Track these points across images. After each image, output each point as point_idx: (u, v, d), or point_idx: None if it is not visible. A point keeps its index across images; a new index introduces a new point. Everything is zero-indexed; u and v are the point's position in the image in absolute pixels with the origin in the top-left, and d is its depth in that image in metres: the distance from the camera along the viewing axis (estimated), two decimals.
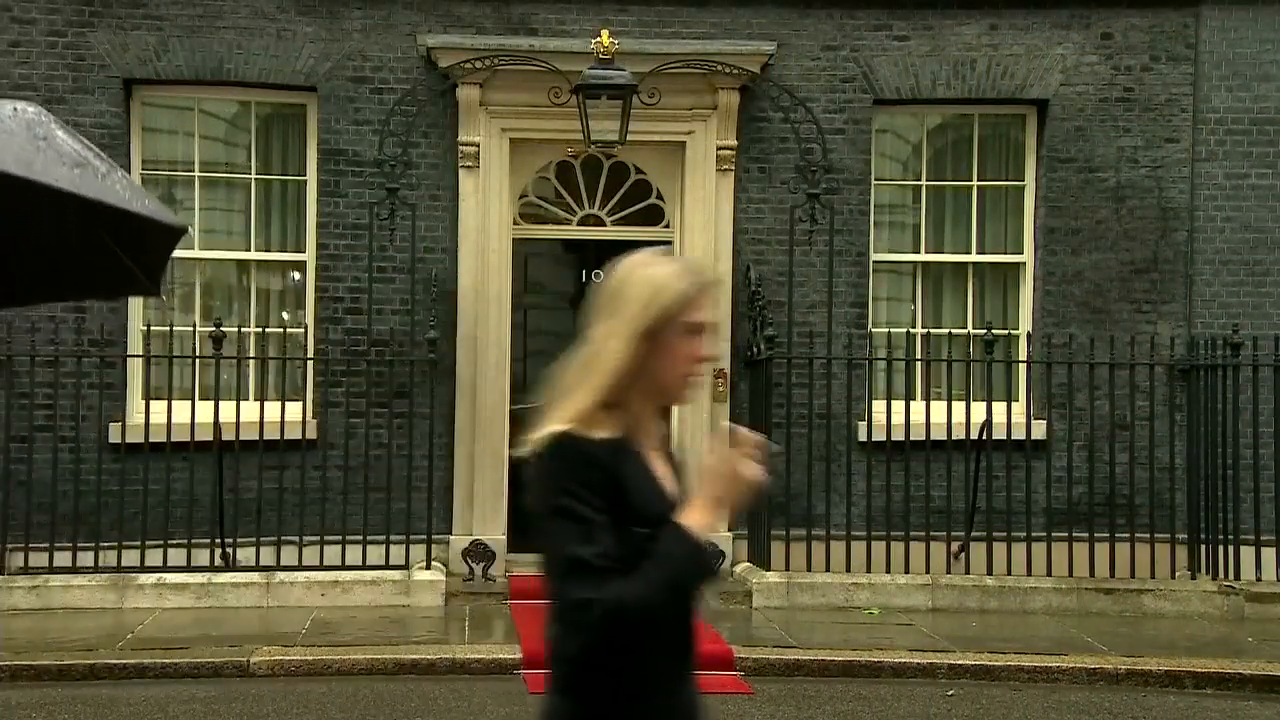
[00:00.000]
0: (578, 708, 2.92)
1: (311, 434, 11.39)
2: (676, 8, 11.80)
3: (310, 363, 11.48)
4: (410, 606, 10.65)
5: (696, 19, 11.80)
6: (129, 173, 9.52)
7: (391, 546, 11.00)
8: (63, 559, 10.75)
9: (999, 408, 11.23)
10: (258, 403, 11.31)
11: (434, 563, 11.16)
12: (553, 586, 2.88)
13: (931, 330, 11.91)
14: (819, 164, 11.54)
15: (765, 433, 11.31)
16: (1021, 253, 12.25)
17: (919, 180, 12.38)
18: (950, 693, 8.79)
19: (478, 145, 11.59)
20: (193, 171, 11.75)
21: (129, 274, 4.11)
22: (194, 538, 10.82)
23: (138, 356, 11.27)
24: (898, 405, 11.23)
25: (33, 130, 3.52)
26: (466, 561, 11.18)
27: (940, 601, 10.92)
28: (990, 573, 11.16)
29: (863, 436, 11.68)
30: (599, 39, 11.04)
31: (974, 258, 12.33)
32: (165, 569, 10.75)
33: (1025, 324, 12.11)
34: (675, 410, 11.89)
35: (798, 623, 10.37)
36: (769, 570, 11.13)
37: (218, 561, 10.88)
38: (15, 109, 3.60)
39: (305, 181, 11.82)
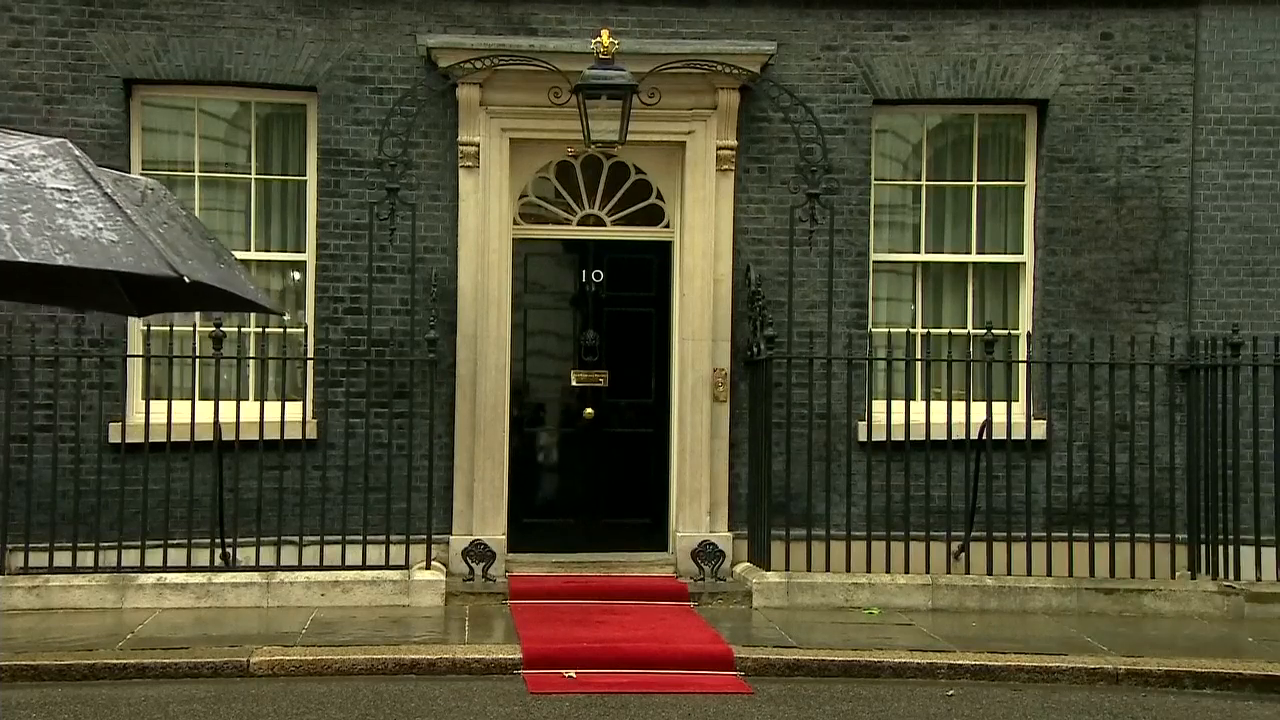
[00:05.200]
0: None
1: (311, 434, 11.39)
2: (676, 8, 11.80)
3: (310, 363, 11.49)
4: (410, 606, 10.66)
5: (696, 19, 11.81)
6: (128, 172, 9.53)
7: (391, 546, 11.01)
8: (63, 559, 10.75)
9: (999, 408, 11.23)
10: (258, 403, 11.32)
11: (434, 563, 11.16)
12: None
13: (931, 330, 11.91)
14: (819, 164, 11.54)
15: (765, 433, 11.44)
16: (1021, 253, 12.25)
17: (919, 180, 12.38)
18: (950, 693, 8.79)
19: (478, 145, 11.59)
20: (193, 171, 11.74)
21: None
22: (194, 538, 10.82)
23: (138, 356, 11.27)
24: (898, 405, 11.23)
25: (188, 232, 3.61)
26: (466, 561, 11.18)
27: (940, 601, 10.92)
28: (990, 573, 11.16)
29: (863, 436, 11.69)
30: (599, 39, 11.05)
31: (974, 258, 12.33)
32: (165, 569, 10.75)
33: (1025, 324, 12.12)
34: (675, 410, 11.90)
35: (798, 623, 10.37)
36: (769, 570, 11.14)
37: (218, 561, 10.89)
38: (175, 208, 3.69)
39: (305, 181, 11.83)
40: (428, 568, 11.02)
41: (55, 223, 3.42)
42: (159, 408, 10.94)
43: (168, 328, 10.96)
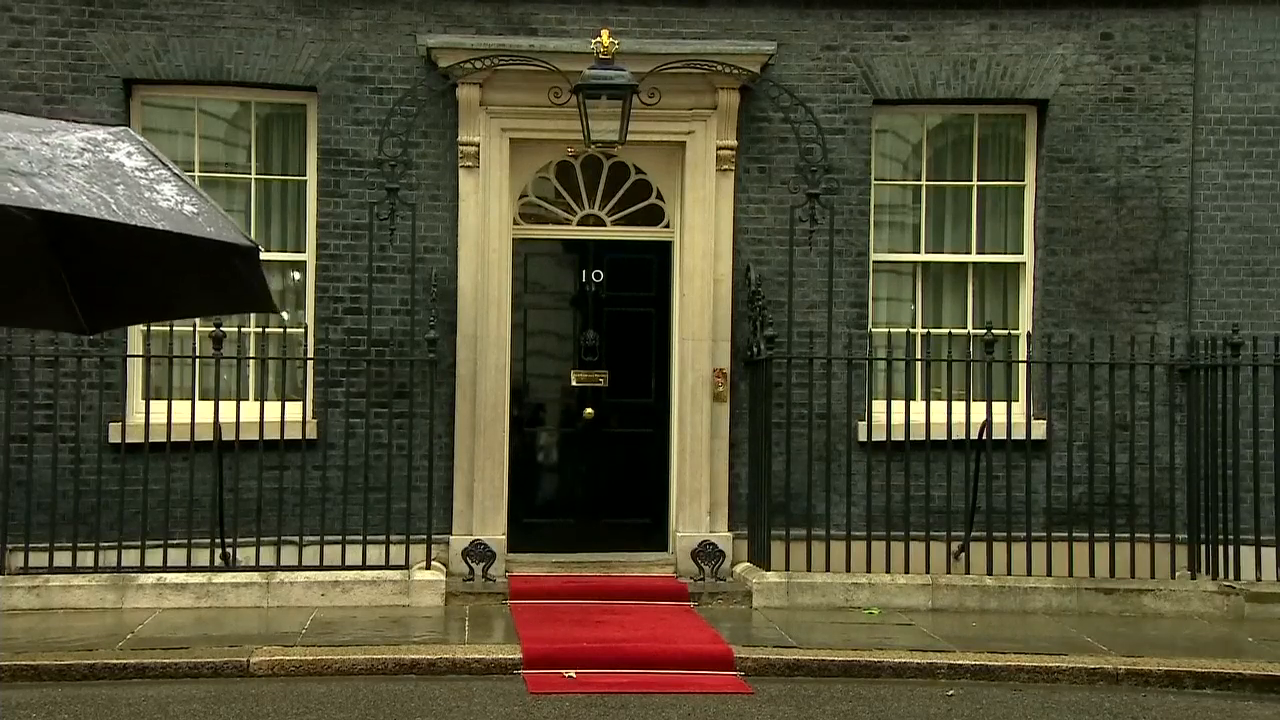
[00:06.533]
0: None
1: (311, 434, 11.39)
2: (676, 8, 11.80)
3: (310, 363, 11.49)
4: (410, 606, 10.66)
5: (696, 19, 11.81)
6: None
7: (391, 546, 11.01)
8: (63, 559, 10.75)
9: (999, 408, 11.23)
10: (258, 403, 11.32)
11: (434, 563, 11.16)
12: None
13: (931, 330, 11.91)
14: (819, 164, 11.55)
15: (765, 433, 11.43)
16: (1021, 253, 12.25)
17: (919, 180, 12.38)
18: (950, 693, 8.79)
19: (478, 145, 11.59)
20: (193, 171, 11.73)
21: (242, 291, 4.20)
22: (194, 538, 10.82)
23: (138, 356, 11.27)
24: (898, 405, 11.23)
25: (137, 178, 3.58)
26: (466, 561, 11.18)
27: (940, 601, 10.92)
28: (990, 573, 11.16)
29: (863, 436, 11.69)
30: (599, 39, 11.05)
31: (974, 258, 12.33)
32: (165, 569, 10.75)
33: (1025, 324, 12.12)
34: (675, 410, 11.90)
35: (798, 623, 10.37)
36: (769, 570, 11.14)
37: (218, 561, 10.89)
38: (129, 154, 3.67)
39: (305, 181, 11.83)
40: (428, 568, 11.02)
41: (144, 195, 3.53)
42: (159, 408, 10.94)
43: (168, 328, 10.96)
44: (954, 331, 12.21)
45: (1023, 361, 11.76)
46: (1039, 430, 11.60)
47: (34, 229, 4.11)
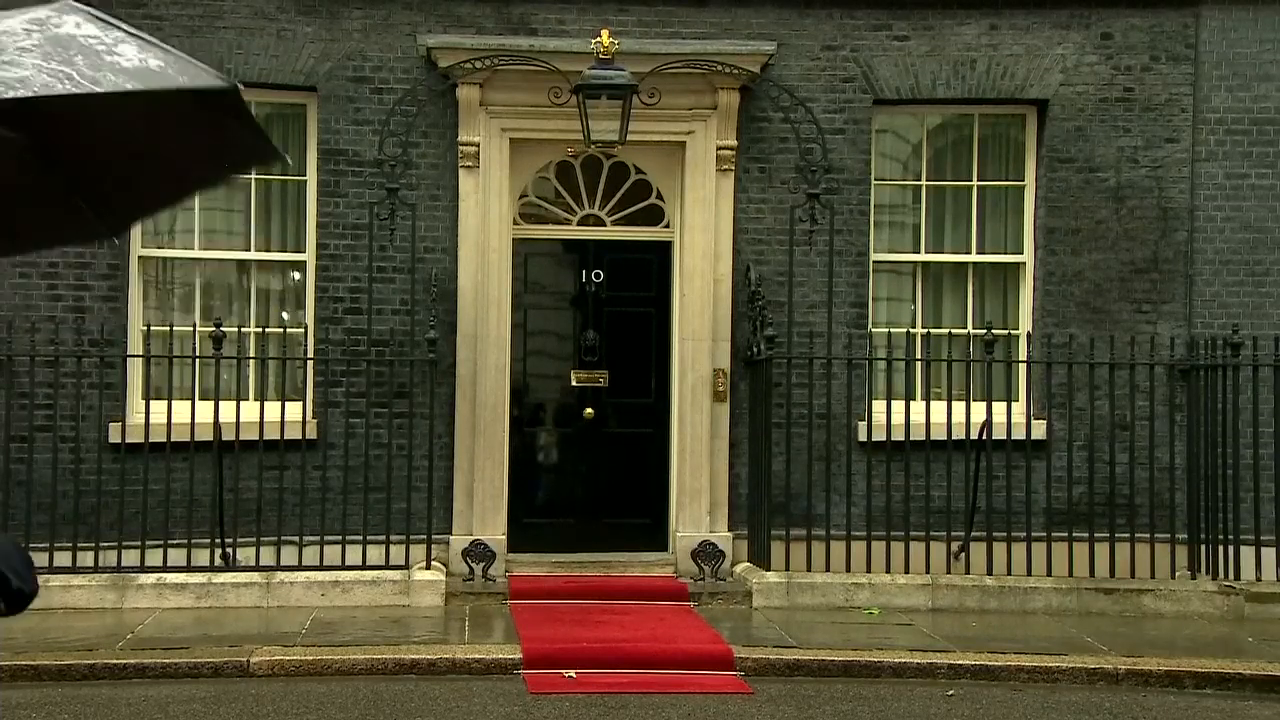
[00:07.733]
0: None
1: (311, 434, 11.39)
2: (676, 8, 11.80)
3: (310, 363, 11.49)
4: (410, 606, 10.66)
5: (696, 19, 11.81)
6: None
7: (391, 546, 11.01)
8: (63, 559, 10.74)
9: (999, 408, 11.23)
10: (258, 403, 11.31)
11: (434, 563, 11.16)
12: None
13: (931, 330, 11.91)
14: (819, 164, 11.55)
15: (765, 433, 11.42)
16: (1021, 253, 12.25)
17: (919, 180, 12.38)
18: (950, 693, 8.79)
19: (478, 145, 11.59)
20: None
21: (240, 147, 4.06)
22: (194, 538, 10.82)
23: (138, 356, 11.27)
24: (898, 405, 11.24)
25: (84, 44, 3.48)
26: (466, 561, 11.18)
27: (940, 601, 10.92)
28: (990, 573, 11.16)
29: (863, 436, 11.69)
30: (599, 39, 11.05)
31: (974, 258, 12.33)
32: (165, 569, 10.75)
33: (1025, 324, 12.12)
34: (675, 410, 11.90)
35: (798, 623, 10.37)
36: (769, 570, 11.14)
37: (218, 561, 10.89)
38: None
39: (305, 181, 11.82)
40: (428, 568, 11.02)
41: (105, 60, 3.44)
42: (159, 408, 10.93)
43: (168, 328, 10.96)
44: (954, 331, 12.21)
45: (1023, 361, 11.75)
46: (1039, 430, 11.60)
47: (24, 146, 4.01)
